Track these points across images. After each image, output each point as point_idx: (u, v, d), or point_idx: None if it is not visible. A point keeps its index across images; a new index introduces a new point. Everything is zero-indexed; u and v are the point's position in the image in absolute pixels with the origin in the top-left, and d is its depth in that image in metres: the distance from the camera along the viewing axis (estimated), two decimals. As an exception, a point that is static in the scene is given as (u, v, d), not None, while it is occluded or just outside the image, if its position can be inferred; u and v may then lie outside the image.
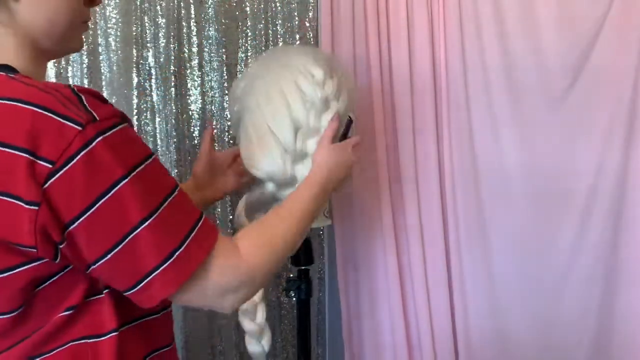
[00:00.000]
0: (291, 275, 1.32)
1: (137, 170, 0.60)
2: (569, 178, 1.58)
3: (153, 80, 1.64)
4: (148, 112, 1.65)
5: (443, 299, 1.63)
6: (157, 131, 1.65)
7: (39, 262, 0.60)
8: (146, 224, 0.60)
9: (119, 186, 0.58)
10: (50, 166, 0.55)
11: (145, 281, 0.61)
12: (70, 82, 1.60)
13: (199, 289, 0.65)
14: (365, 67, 1.57)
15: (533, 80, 1.56)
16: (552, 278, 1.61)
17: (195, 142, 1.67)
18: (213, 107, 1.67)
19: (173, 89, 1.64)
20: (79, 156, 0.56)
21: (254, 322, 1.13)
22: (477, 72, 1.58)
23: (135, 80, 1.63)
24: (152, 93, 1.65)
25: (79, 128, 0.57)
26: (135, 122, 1.65)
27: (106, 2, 1.58)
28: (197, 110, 1.67)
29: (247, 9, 1.65)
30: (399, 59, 1.57)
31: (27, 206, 0.55)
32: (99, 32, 1.59)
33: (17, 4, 0.65)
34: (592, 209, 1.57)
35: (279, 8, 1.66)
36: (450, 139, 1.61)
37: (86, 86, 1.61)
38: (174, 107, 1.65)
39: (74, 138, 0.56)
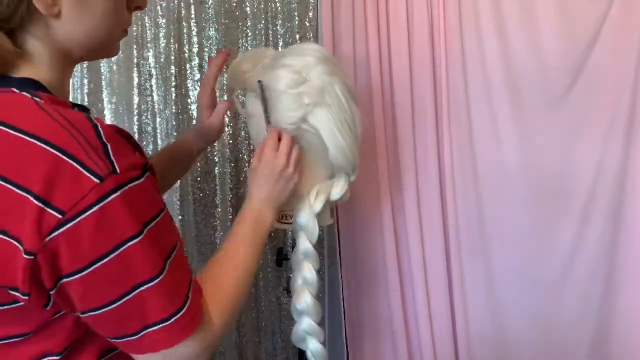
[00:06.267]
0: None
1: (147, 228, 0.59)
2: (568, 178, 1.57)
3: (153, 81, 1.64)
4: (148, 112, 1.65)
5: (443, 298, 1.63)
6: (157, 131, 1.66)
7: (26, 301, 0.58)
8: (152, 284, 0.59)
9: (127, 245, 0.57)
10: (59, 216, 0.53)
11: (147, 330, 0.61)
12: (70, 82, 1.60)
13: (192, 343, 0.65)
14: (365, 67, 1.57)
15: (533, 80, 1.56)
16: (552, 278, 1.61)
17: (196, 142, 1.67)
18: (213, 107, 1.67)
19: (173, 89, 1.65)
20: (91, 210, 0.54)
21: (314, 321, 1.10)
22: (477, 72, 1.58)
23: (136, 80, 1.63)
24: (153, 93, 1.65)
25: (97, 181, 0.54)
26: (135, 123, 1.66)
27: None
28: (197, 110, 1.67)
29: (247, 9, 1.65)
30: (399, 59, 1.57)
31: (25, 255, 0.53)
32: (99, 32, 1.59)
33: (57, 21, 0.62)
34: (592, 209, 1.57)
35: (279, 8, 1.66)
36: (451, 139, 1.61)
37: (86, 86, 1.61)
38: (174, 108, 1.65)
39: (90, 191, 0.54)
